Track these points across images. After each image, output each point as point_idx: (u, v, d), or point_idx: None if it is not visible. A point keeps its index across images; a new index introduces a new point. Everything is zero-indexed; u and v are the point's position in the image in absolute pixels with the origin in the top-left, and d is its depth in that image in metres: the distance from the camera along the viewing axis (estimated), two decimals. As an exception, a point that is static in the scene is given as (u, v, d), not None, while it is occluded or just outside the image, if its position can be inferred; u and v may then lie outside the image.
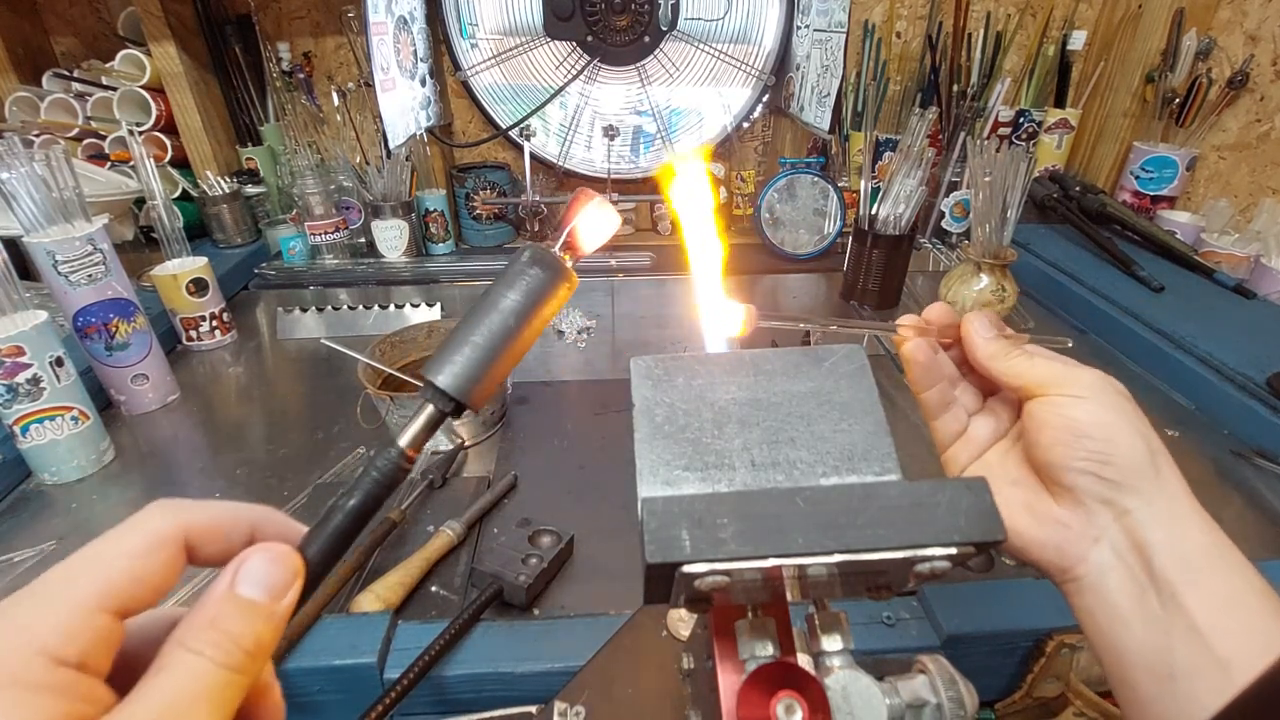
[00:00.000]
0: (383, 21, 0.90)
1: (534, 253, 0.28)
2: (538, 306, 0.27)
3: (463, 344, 0.26)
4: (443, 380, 0.25)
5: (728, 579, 0.20)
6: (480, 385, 0.26)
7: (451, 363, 0.26)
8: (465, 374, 0.26)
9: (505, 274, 0.27)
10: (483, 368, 0.26)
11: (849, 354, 0.27)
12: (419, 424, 0.26)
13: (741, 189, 1.23)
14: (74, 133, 1.06)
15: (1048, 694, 0.47)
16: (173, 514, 0.20)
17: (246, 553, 0.21)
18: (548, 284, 0.28)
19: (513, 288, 0.27)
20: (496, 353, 0.26)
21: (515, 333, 0.27)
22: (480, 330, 0.26)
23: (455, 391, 0.25)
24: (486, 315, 0.26)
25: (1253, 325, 0.84)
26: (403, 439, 0.25)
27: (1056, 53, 1.14)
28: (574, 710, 0.36)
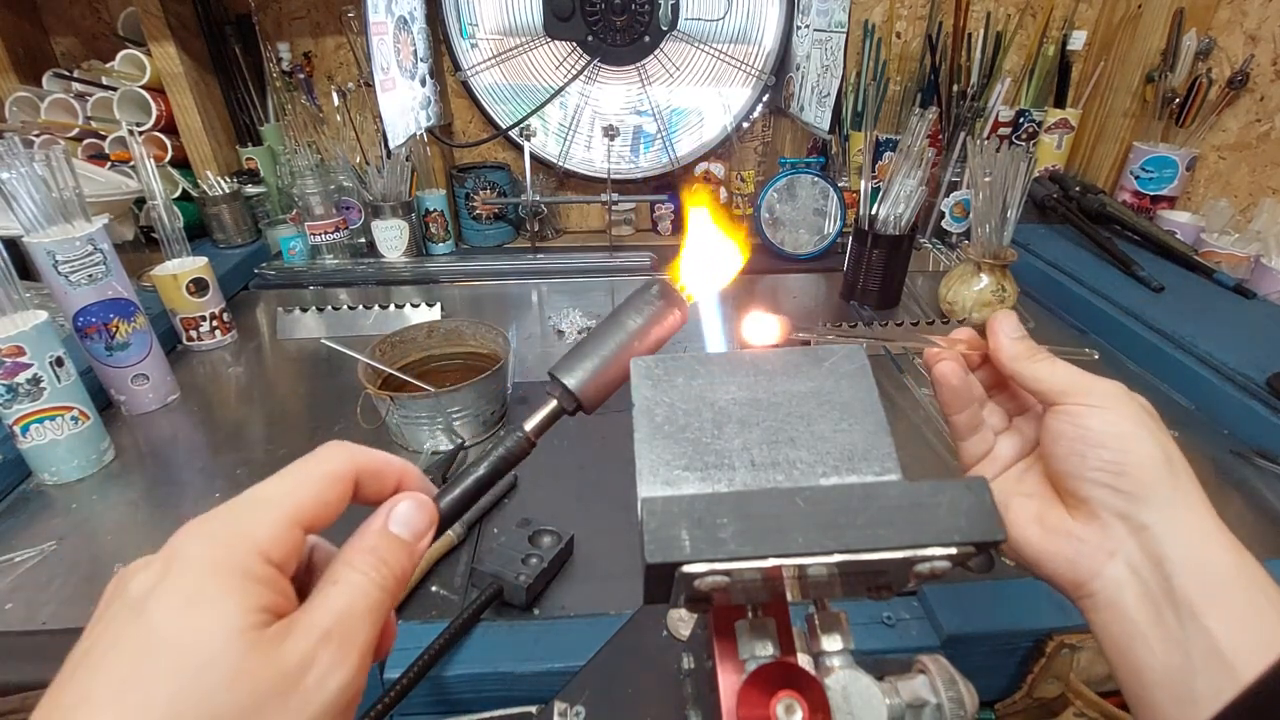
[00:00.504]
0: (383, 21, 0.90)
1: (663, 287, 0.31)
2: (655, 332, 0.30)
3: (591, 353, 0.29)
4: (572, 381, 0.29)
5: (728, 579, 0.20)
6: (599, 391, 0.29)
7: (580, 367, 0.29)
8: (590, 379, 0.29)
9: (633, 299, 0.30)
10: (604, 376, 0.29)
11: (849, 354, 0.27)
12: (544, 414, 0.29)
13: (741, 189, 1.23)
14: (74, 133, 1.06)
15: (1048, 694, 0.47)
16: (348, 454, 0.24)
17: (396, 499, 0.25)
18: (668, 314, 0.30)
19: (639, 313, 0.30)
20: (616, 367, 0.29)
21: (633, 352, 0.29)
22: (607, 345, 0.29)
23: (579, 392, 0.29)
24: (613, 334, 0.29)
25: (1253, 325, 0.84)
26: (529, 424, 0.29)
27: (1056, 53, 1.14)
28: (574, 710, 0.36)
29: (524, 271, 1.11)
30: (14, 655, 0.44)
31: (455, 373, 0.76)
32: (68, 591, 0.53)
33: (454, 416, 0.67)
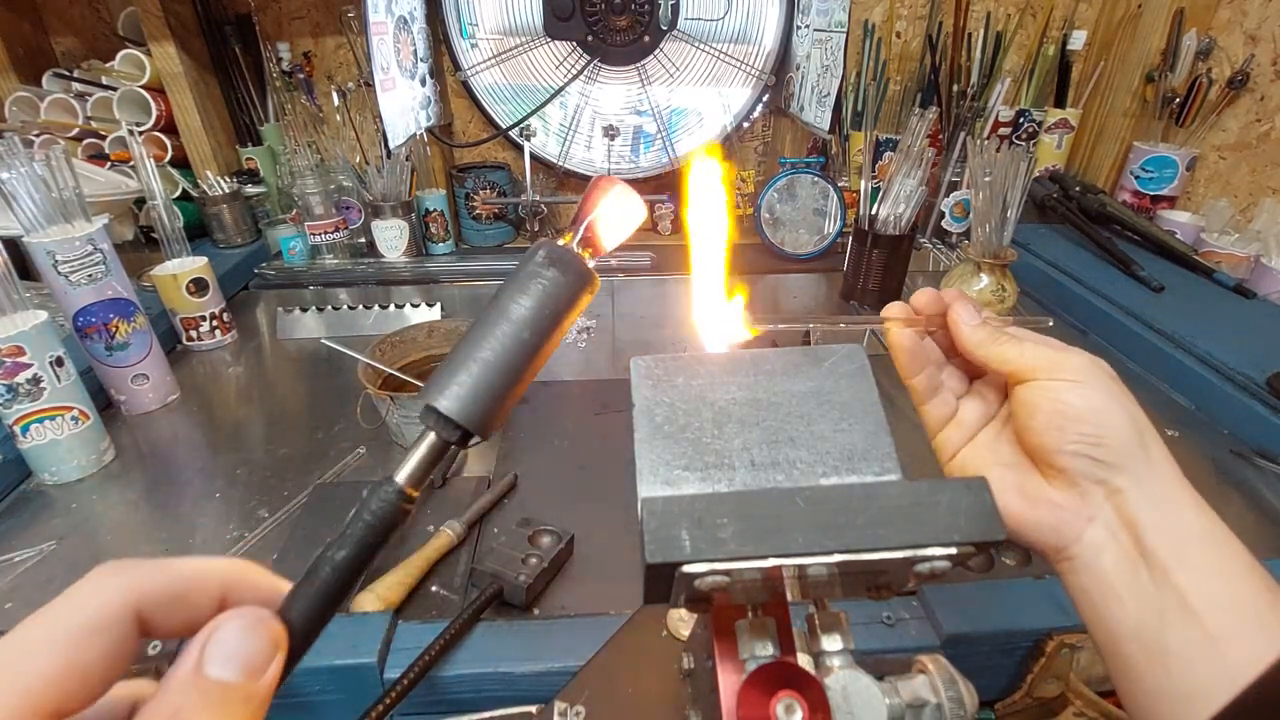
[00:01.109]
0: (383, 21, 0.90)
1: (549, 251, 0.24)
2: (555, 315, 0.23)
3: (468, 361, 0.22)
4: (446, 404, 0.22)
5: (728, 579, 0.20)
6: (491, 409, 0.22)
7: (456, 383, 0.22)
8: (473, 396, 0.22)
9: (516, 277, 0.24)
10: (493, 388, 0.22)
11: (849, 354, 0.27)
12: (418, 456, 0.22)
13: (741, 189, 1.23)
14: (74, 133, 1.06)
15: (1048, 694, 0.47)
16: (119, 582, 0.17)
17: (215, 621, 0.18)
18: (566, 288, 0.24)
19: (525, 293, 0.23)
20: (509, 370, 0.23)
21: (530, 346, 0.23)
22: (489, 345, 0.23)
23: (462, 417, 0.22)
24: (496, 326, 0.23)
25: (1253, 325, 0.84)
26: (400, 474, 0.22)
27: (1056, 53, 1.14)
28: (574, 710, 0.36)
29: (524, 271, 1.10)
30: (14, 655, 0.44)
31: (455, 373, 0.75)
32: (68, 591, 0.53)
33: (454, 416, 0.67)
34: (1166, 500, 0.28)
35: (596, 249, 0.26)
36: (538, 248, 0.24)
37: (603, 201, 0.26)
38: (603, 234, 0.27)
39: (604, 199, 0.26)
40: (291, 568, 0.54)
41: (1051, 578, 0.49)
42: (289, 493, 0.63)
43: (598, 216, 0.26)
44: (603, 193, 0.27)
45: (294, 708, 0.45)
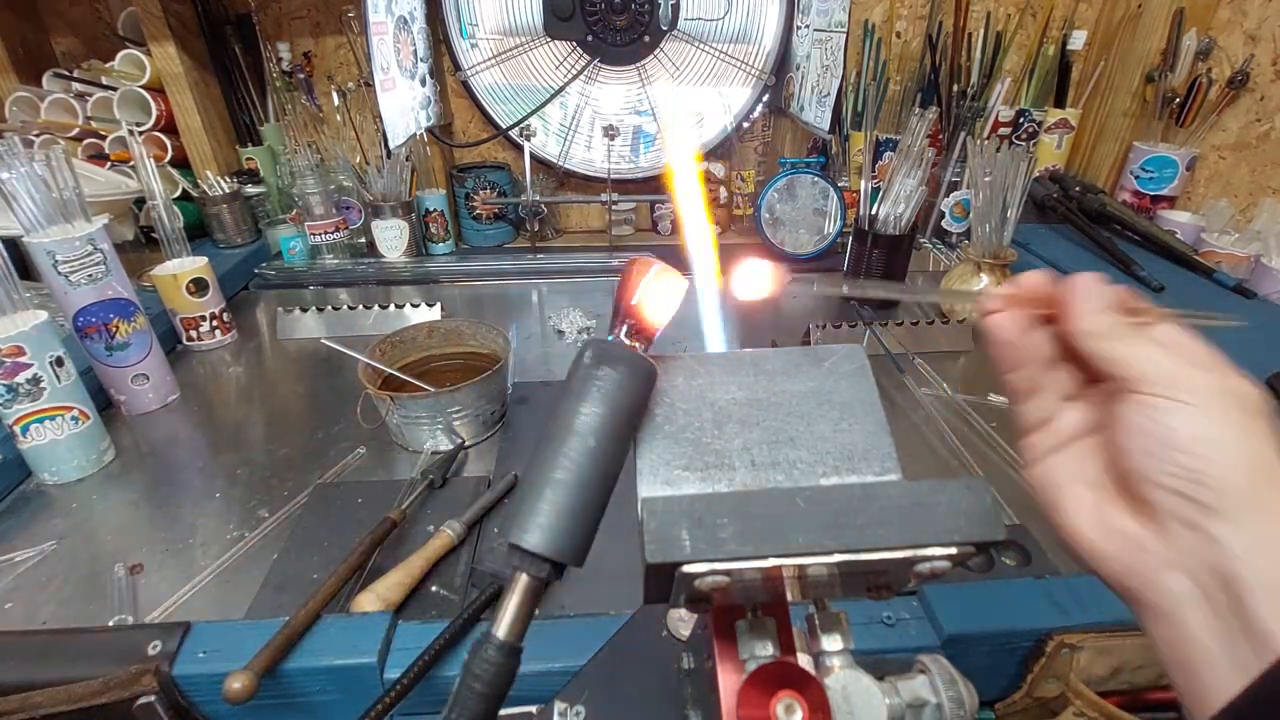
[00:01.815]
0: (383, 21, 0.90)
1: (597, 350, 0.23)
2: (623, 415, 0.22)
3: (543, 487, 0.21)
4: (533, 540, 0.21)
5: (728, 579, 0.20)
6: (580, 533, 0.21)
7: (537, 514, 0.21)
8: (558, 525, 0.21)
9: (571, 385, 0.23)
10: (576, 511, 0.21)
11: (849, 354, 0.27)
12: (515, 604, 0.21)
13: (741, 189, 1.23)
14: (74, 133, 1.06)
15: (1048, 694, 0.47)
16: None
17: None
18: (626, 384, 0.23)
19: (584, 400, 0.22)
20: (588, 487, 0.22)
21: (604, 455, 0.22)
22: (561, 465, 0.21)
23: (552, 550, 0.21)
24: (563, 443, 0.22)
25: (1253, 325, 0.84)
26: (499, 628, 0.21)
27: (1056, 52, 1.14)
28: (574, 710, 0.36)
29: (524, 271, 1.11)
30: (14, 655, 0.44)
31: (455, 373, 0.76)
32: (68, 591, 0.53)
33: (454, 416, 0.67)
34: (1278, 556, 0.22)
35: (646, 335, 0.25)
36: (585, 349, 0.23)
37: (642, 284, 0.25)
38: (649, 318, 0.25)
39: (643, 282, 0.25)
40: (292, 567, 0.54)
41: (1051, 578, 0.49)
42: (289, 492, 0.63)
43: (640, 301, 0.25)
44: (641, 276, 0.25)
45: (294, 708, 0.45)
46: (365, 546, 0.53)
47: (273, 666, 0.42)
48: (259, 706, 0.43)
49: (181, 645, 0.44)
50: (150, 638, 0.44)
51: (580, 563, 0.22)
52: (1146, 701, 0.48)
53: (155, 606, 0.52)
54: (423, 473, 0.63)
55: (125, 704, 0.41)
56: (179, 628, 0.45)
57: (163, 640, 0.44)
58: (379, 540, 0.54)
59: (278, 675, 0.43)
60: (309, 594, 0.47)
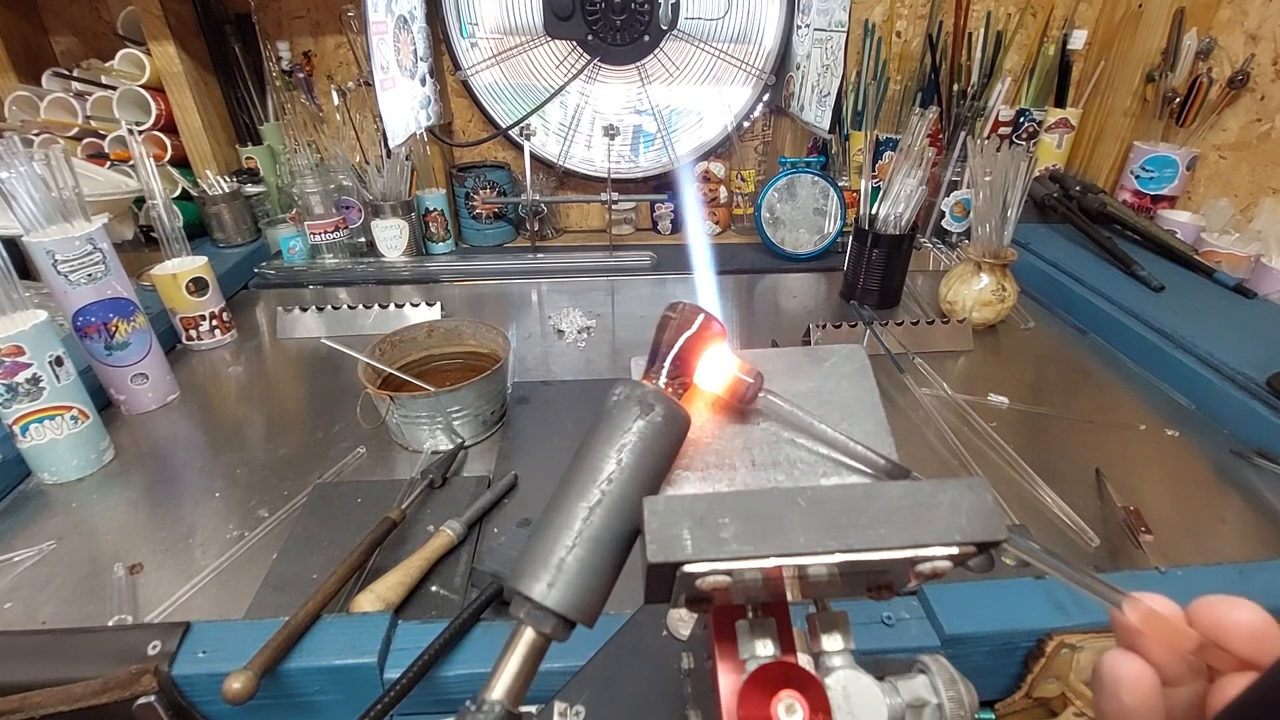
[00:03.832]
0: (383, 21, 0.90)
1: (637, 397, 0.21)
2: (654, 469, 0.20)
3: (562, 534, 0.19)
4: (544, 593, 0.19)
5: (729, 578, 0.20)
6: (597, 591, 0.19)
7: (552, 564, 0.19)
8: (575, 580, 0.19)
9: (602, 428, 0.21)
10: (596, 567, 0.19)
11: (849, 354, 0.27)
12: (516, 662, 0.19)
13: (742, 189, 1.23)
14: (74, 132, 1.06)
15: (1048, 694, 0.47)
16: None
17: None
18: (662, 435, 0.20)
19: (617, 447, 0.20)
20: (612, 542, 0.19)
21: (630, 508, 0.20)
22: (584, 515, 0.19)
23: (564, 607, 0.19)
24: (589, 492, 0.20)
25: (1253, 325, 0.84)
26: (496, 690, 0.18)
27: (1057, 52, 1.14)
28: (574, 710, 0.36)
29: (524, 271, 1.11)
30: (14, 655, 0.44)
31: (455, 372, 0.75)
32: (67, 591, 0.53)
33: (454, 416, 0.67)
34: None
35: (685, 384, 0.23)
36: (624, 392, 0.21)
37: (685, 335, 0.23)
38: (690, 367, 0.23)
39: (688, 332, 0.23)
40: (291, 567, 0.54)
41: (1052, 577, 0.49)
42: (289, 492, 0.63)
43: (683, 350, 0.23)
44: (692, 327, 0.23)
45: (294, 708, 0.45)
46: (365, 546, 0.53)
47: (272, 666, 0.42)
48: (259, 706, 0.43)
49: (181, 645, 0.44)
50: (150, 638, 0.44)
51: (591, 623, 0.20)
52: (1147, 701, 0.48)
53: (155, 606, 0.52)
54: (423, 472, 0.63)
55: (125, 704, 0.41)
56: (179, 628, 0.45)
57: (162, 640, 0.44)
58: (379, 540, 0.54)
59: (277, 675, 0.43)
60: (309, 594, 0.47)
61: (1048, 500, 0.60)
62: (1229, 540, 0.58)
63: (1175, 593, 0.20)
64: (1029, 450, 0.66)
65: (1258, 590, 0.48)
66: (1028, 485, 0.62)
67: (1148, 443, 0.70)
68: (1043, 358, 0.87)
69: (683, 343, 0.23)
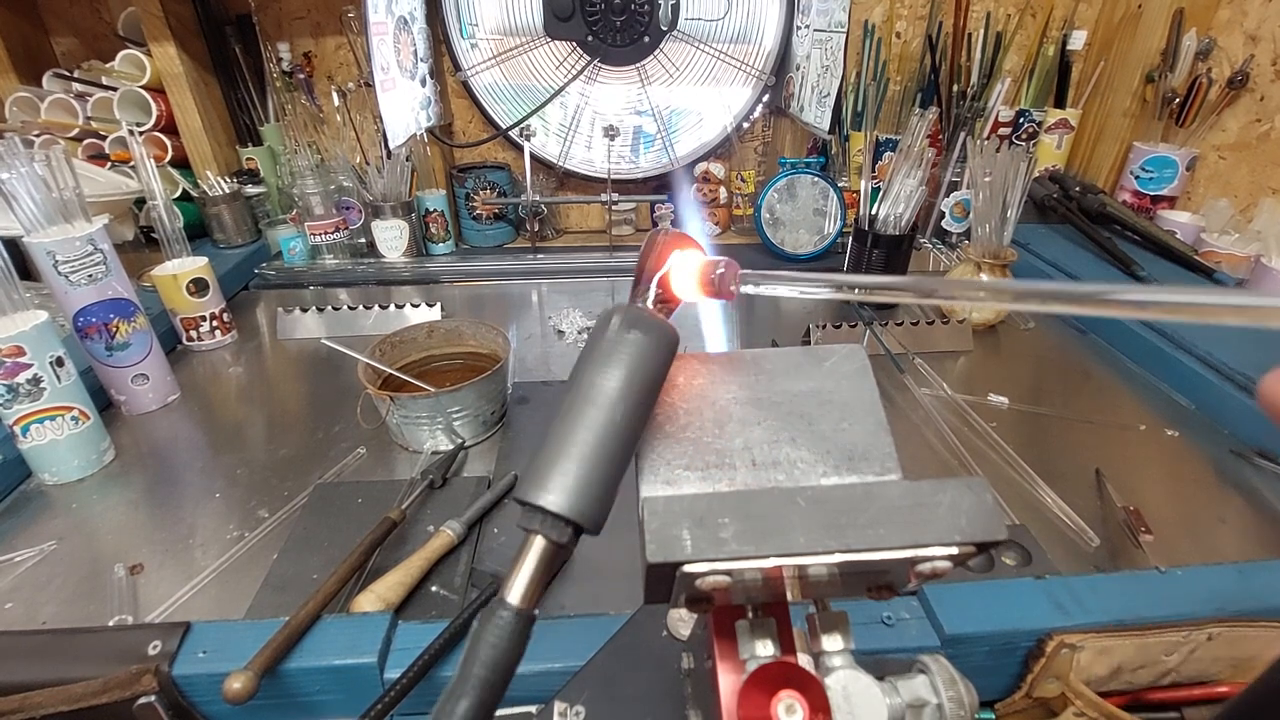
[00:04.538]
0: (383, 21, 0.90)
1: (623, 316, 0.22)
2: (648, 382, 0.22)
3: (566, 447, 0.20)
4: (554, 500, 0.20)
5: (729, 578, 0.20)
6: (602, 498, 0.20)
7: (558, 474, 0.20)
8: (581, 487, 0.20)
9: (594, 350, 0.22)
10: (600, 475, 0.20)
11: (849, 354, 0.27)
12: (529, 568, 0.20)
13: (741, 189, 1.23)
14: (74, 133, 1.06)
15: (1048, 694, 0.47)
16: None
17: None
18: (652, 350, 0.22)
19: (610, 364, 0.21)
20: (612, 452, 0.21)
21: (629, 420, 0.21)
22: (584, 427, 0.21)
23: (574, 512, 0.20)
24: (587, 405, 0.21)
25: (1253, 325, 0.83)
26: (512, 592, 0.19)
27: (1056, 53, 1.14)
28: (574, 710, 0.36)
29: (524, 271, 1.11)
30: (14, 655, 0.44)
31: (455, 373, 0.76)
32: (68, 591, 0.53)
33: (454, 416, 0.67)
34: None
35: (669, 304, 0.25)
36: (611, 314, 0.23)
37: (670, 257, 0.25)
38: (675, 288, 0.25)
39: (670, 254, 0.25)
40: (292, 567, 0.54)
41: (1051, 577, 0.49)
42: (289, 493, 0.63)
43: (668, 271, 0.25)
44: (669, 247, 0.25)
45: (294, 708, 0.45)
46: (365, 546, 0.53)
47: (273, 666, 0.42)
48: (259, 706, 0.43)
49: (181, 645, 0.44)
50: (150, 638, 0.44)
51: (598, 530, 0.21)
52: (1146, 701, 0.48)
53: (155, 606, 0.52)
54: (423, 473, 0.63)
55: (125, 704, 0.41)
56: (179, 628, 0.45)
57: (163, 640, 0.44)
58: (379, 540, 0.54)
59: (278, 675, 0.43)
60: (309, 594, 0.47)
61: (1048, 500, 0.60)
62: (1229, 540, 0.58)
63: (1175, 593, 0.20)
64: (1029, 450, 0.66)
65: (1258, 590, 0.48)
66: (1028, 485, 0.62)
67: (1148, 443, 0.70)
68: (1043, 358, 0.87)
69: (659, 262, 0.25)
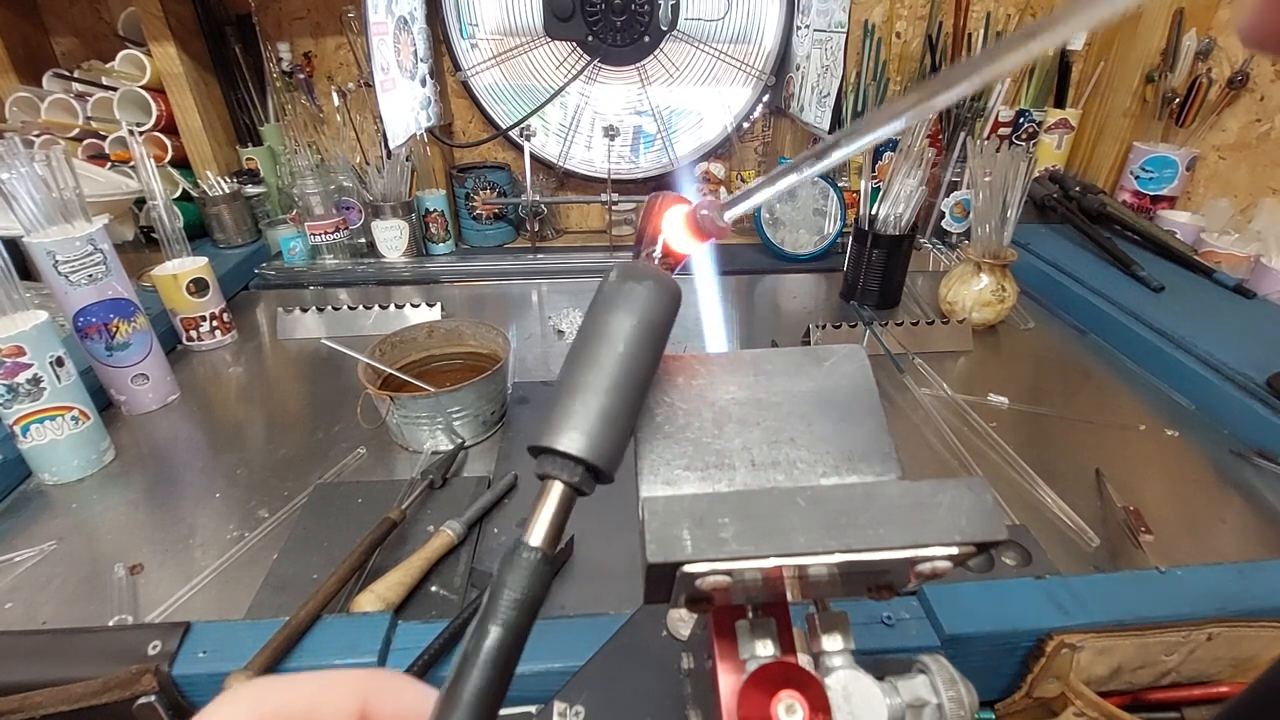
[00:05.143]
0: (383, 21, 0.90)
1: (623, 268, 0.23)
2: (655, 328, 0.22)
3: (578, 393, 0.20)
4: (571, 443, 0.20)
5: (729, 579, 0.20)
6: (618, 441, 0.21)
7: (573, 418, 0.20)
8: (597, 430, 0.20)
9: (601, 302, 0.22)
10: (615, 419, 0.20)
11: (849, 354, 0.27)
12: (549, 511, 0.20)
13: (742, 189, 1.23)
14: (74, 133, 1.06)
15: (1048, 694, 0.47)
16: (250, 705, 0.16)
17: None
18: (657, 298, 0.22)
19: (617, 311, 0.22)
20: (625, 396, 0.21)
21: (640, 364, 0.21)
22: (594, 370, 0.21)
23: (593, 455, 0.20)
24: (598, 351, 0.21)
25: (1253, 325, 0.84)
26: (533, 535, 0.20)
27: (1056, 53, 1.14)
28: (573, 710, 0.36)
29: (524, 271, 1.11)
30: (14, 655, 0.44)
31: (455, 373, 0.76)
32: (67, 591, 0.53)
33: (454, 416, 0.67)
34: None
35: (670, 261, 0.26)
36: (612, 269, 0.23)
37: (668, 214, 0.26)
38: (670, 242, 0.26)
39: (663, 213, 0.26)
40: (292, 567, 0.54)
41: (1051, 577, 0.49)
42: (289, 493, 0.63)
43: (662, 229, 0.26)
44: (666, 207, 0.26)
45: (294, 708, 0.45)
46: (365, 546, 0.53)
47: (273, 666, 0.42)
48: (259, 706, 0.43)
49: (181, 645, 0.44)
50: (150, 638, 0.44)
51: (613, 472, 0.21)
52: (1146, 701, 0.48)
53: (155, 606, 0.52)
54: (423, 473, 0.63)
55: (125, 704, 0.41)
56: (179, 628, 0.45)
57: (163, 640, 0.44)
58: (379, 540, 0.54)
59: (278, 675, 0.43)
60: (309, 594, 0.47)
61: (1048, 500, 0.60)
62: (1229, 540, 0.58)
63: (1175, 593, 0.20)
64: (1029, 450, 0.66)
65: (1258, 590, 0.48)
66: (1028, 485, 0.62)
67: (1148, 443, 0.70)
68: (1043, 358, 0.87)
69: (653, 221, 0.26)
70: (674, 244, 0.26)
